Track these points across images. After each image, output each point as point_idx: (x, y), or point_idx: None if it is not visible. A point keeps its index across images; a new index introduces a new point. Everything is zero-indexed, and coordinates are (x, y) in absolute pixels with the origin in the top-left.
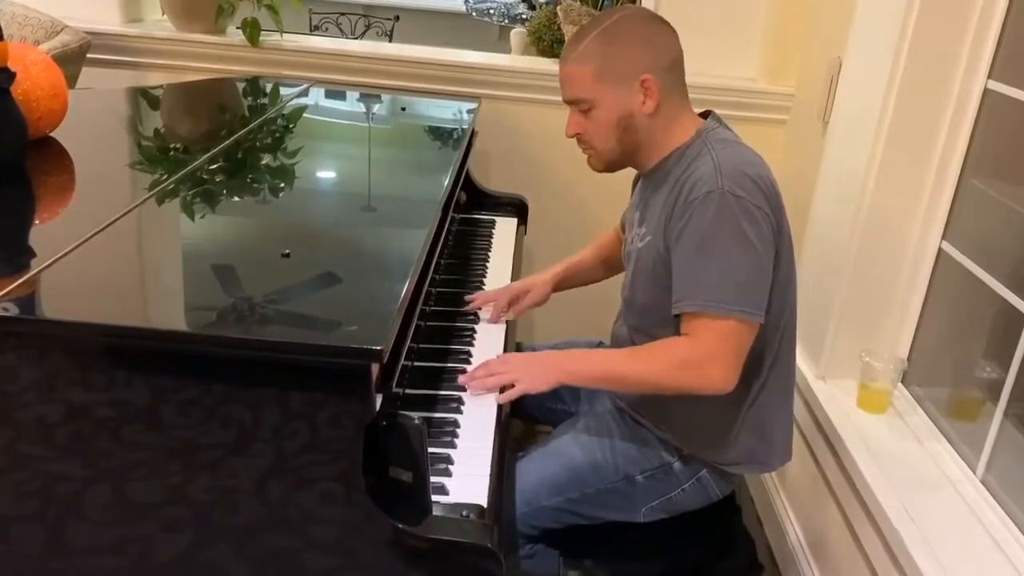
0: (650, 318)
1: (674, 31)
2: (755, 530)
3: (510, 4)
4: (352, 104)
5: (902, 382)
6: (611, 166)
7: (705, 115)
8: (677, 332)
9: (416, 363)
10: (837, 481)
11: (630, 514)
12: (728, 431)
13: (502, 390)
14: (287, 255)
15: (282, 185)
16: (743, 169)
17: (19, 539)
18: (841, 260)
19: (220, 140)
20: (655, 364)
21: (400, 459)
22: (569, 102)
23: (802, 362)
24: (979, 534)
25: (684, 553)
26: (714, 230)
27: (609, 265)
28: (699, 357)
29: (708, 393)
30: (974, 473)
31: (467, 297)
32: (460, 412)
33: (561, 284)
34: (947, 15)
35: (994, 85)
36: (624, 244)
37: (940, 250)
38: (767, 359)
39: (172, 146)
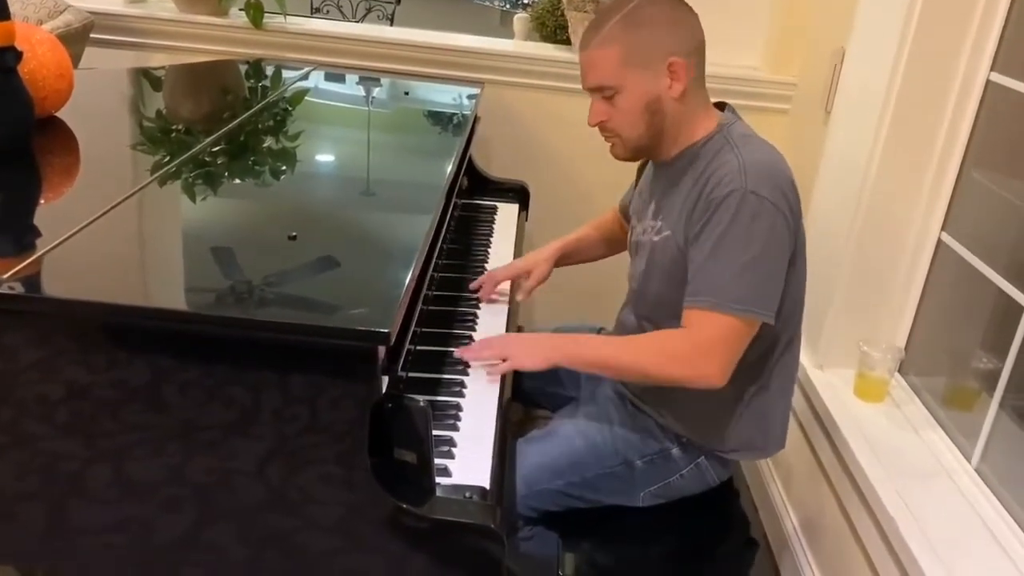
0: (664, 310)
1: (696, 15)
2: (751, 516)
3: None
4: (355, 88)
5: (899, 371)
6: (637, 153)
7: (720, 107)
8: None
9: (419, 347)
10: (833, 469)
11: (629, 498)
12: (729, 420)
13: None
14: (294, 237)
15: (285, 169)
16: (767, 170)
17: (22, 517)
18: (841, 250)
19: (223, 123)
20: (650, 355)
21: (405, 441)
22: (592, 89)
23: (801, 351)
24: (972, 522)
25: (681, 537)
26: (732, 229)
27: (609, 244)
28: (695, 352)
29: (699, 387)
30: (969, 462)
31: (472, 285)
32: (463, 396)
33: (561, 261)
34: (951, 7)
35: (996, 77)
36: (630, 233)
37: (939, 241)
38: (775, 354)
39: (175, 128)
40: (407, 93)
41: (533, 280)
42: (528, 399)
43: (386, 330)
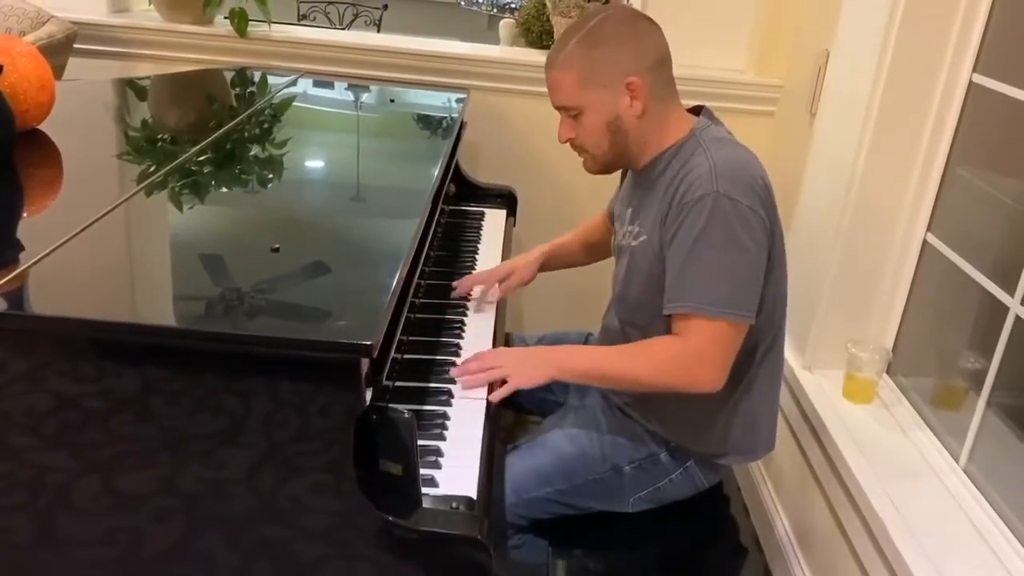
0: (644, 314)
1: (658, 28)
2: (742, 519)
3: None
4: (341, 95)
5: (887, 372)
6: (606, 168)
7: (697, 110)
8: (669, 328)
9: (406, 356)
10: (823, 471)
11: (618, 504)
12: (716, 423)
13: (491, 387)
14: (276, 250)
15: (271, 177)
16: (739, 172)
17: (9, 530)
18: (828, 252)
19: (209, 132)
20: (645, 364)
21: (390, 452)
22: (558, 108)
23: (789, 353)
24: (961, 522)
25: (671, 542)
26: (707, 233)
27: (593, 250)
28: (688, 357)
29: (696, 392)
30: (957, 462)
31: (454, 283)
32: (450, 405)
33: (546, 265)
34: (933, 9)
35: (979, 79)
36: (614, 237)
37: (925, 241)
38: (758, 355)
39: (160, 138)
40: (392, 100)
41: (513, 281)
42: (517, 405)
43: (369, 342)
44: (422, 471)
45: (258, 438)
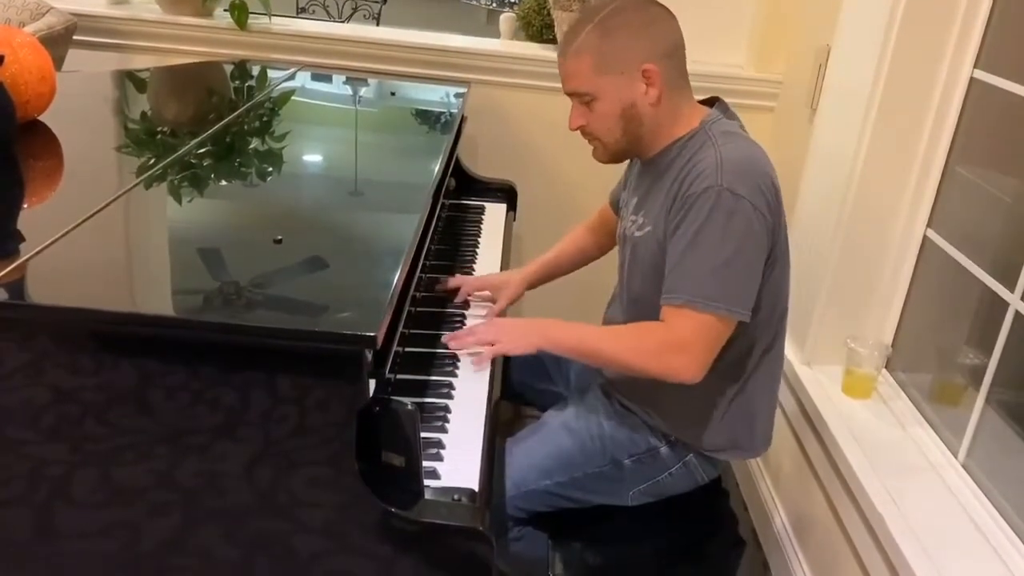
0: (646, 307)
1: (672, 15)
2: (740, 514)
3: None
4: (341, 88)
5: (886, 368)
6: (616, 157)
7: (710, 102)
8: None
9: (407, 349)
10: (821, 466)
11: (618, 498)
12: (716, 418)
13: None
14: (279, 241)
15: (271, 170)
16: (745, 167)
17: (7, 524)
18: (828, 247)
19: (208, 124)
20: (627, 346)
21: (393, 444)
22: (570, 95)
23: (788, 348)
24: (960, 517)
25: (670, 536)
26: (707, 226)
27: (577, 261)
28: (670, 346)
29: (673, 381)
30: (955, 458)
31: (445, 286)
32: (451, 397)
33: (534, 283)
34: (934, 4)
35: (980, 75)
36: (619, 225)
37: (925, 237)
38: (758, 352)
39: (160, 130)
40: (393, 93)
41: (503, 301)
42: (517, 397)
43: (372, 333)
44: (424, 463)
45: (260, 431)
